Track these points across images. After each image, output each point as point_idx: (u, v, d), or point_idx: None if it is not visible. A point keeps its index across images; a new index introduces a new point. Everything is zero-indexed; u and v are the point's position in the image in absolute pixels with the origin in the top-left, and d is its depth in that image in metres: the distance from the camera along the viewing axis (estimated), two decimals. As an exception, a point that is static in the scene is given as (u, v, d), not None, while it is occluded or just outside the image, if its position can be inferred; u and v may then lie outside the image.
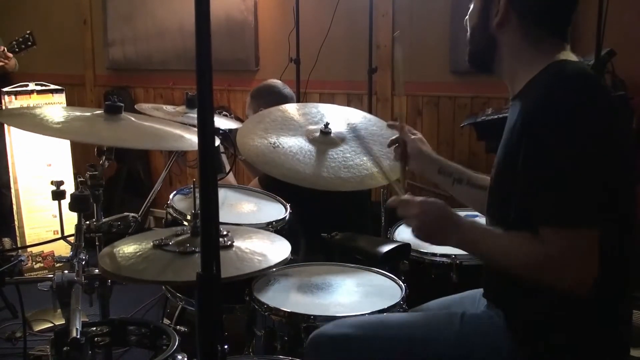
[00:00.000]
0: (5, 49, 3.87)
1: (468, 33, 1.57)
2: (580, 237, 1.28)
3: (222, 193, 2.38)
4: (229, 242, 1.55)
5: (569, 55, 1.44)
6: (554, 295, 1.35)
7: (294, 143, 1.99)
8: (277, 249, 1.61)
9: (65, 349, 1.37)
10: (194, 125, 2.05)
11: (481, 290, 1.62)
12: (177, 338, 1.54)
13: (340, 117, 2.16)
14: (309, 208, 2.30)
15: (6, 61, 3.89)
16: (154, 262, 1.46)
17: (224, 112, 2.91)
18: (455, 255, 2.04)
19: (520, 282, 1.37)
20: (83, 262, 1.69)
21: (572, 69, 1.40)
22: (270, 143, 1.97)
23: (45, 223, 3.78)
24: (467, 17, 1.58)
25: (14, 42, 3.87)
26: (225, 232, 1.59)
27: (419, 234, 1.46)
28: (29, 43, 3.87)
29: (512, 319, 1.44)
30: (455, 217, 1.45)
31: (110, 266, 1.46)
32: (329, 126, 2.02)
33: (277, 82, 3.09)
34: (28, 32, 3.87)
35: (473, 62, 1.59)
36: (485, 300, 1.57)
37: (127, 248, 1.54)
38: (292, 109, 2.21)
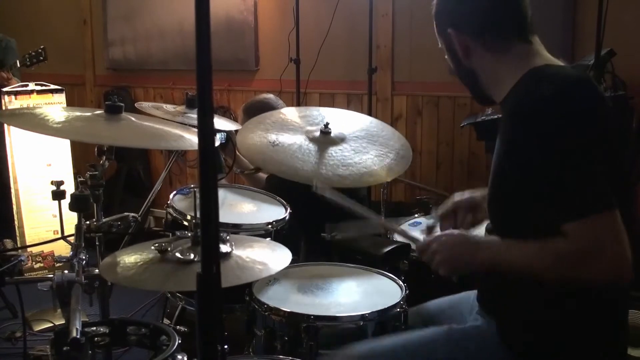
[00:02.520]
0: (4, 73, 3.96)
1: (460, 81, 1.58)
2: (605, 221, 1.25)
3: (222, 193, 2.39)
4: (230, 250, 1.56)
5: (550, 60, 1.44)
6: (547, 304, 1.35)
7: (293, 143, 1.99)
8: (278, 258, 1.62)
9: (65, 349, 1.37)
10: (193, 126, 2.05)
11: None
12: (177, 338, 1.54)
13: (341, 121, 2.15)
14: (309, 208, 2.30)
15: (6, 83, 3.95)
16: (155, 272, 1.47)
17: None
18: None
19: (521, 289, 1.37)
20: (83, 262, 1.69)
21: (555, 70, 1.40)
22: (270, 142, 1.97)
23: (45, 223, 3.78)
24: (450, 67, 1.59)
25: (27, 56, 3.96)
26: (225, 236, 1.60)
27: (443, 268, 1.46)
28: (41, 58, 3.95)
29: (505, 330, 1.44)
30: (473, 238, 1.46)
31: (112, 277, 1.47)
32: (329, 126, 2.02)
33: (269, 96, 3.05)
34: (42, 47, 3.95)
35: (481, 101, 1.59)
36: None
37: (128, 258, 1.56)
38: (292, 112, 2.20)
